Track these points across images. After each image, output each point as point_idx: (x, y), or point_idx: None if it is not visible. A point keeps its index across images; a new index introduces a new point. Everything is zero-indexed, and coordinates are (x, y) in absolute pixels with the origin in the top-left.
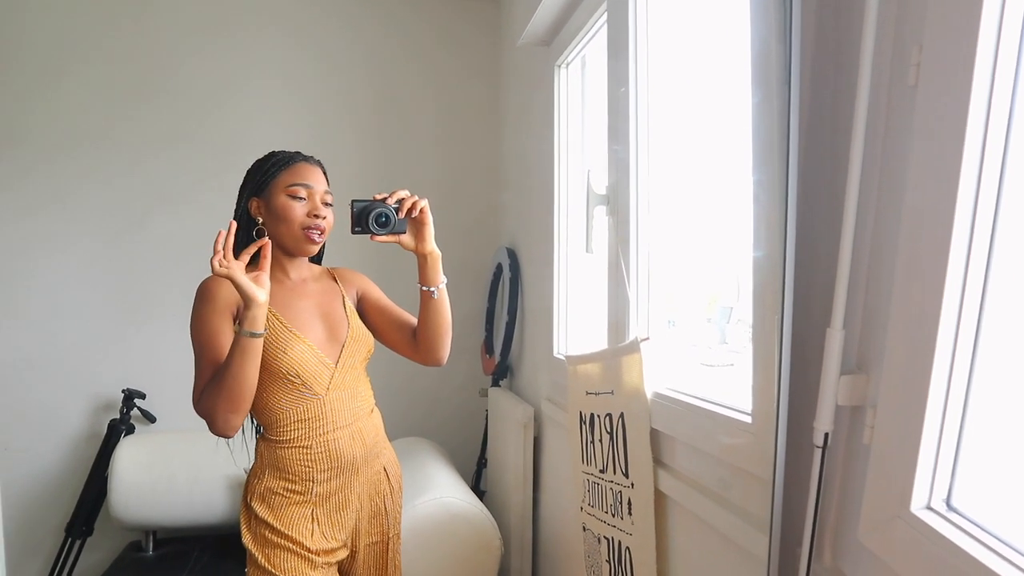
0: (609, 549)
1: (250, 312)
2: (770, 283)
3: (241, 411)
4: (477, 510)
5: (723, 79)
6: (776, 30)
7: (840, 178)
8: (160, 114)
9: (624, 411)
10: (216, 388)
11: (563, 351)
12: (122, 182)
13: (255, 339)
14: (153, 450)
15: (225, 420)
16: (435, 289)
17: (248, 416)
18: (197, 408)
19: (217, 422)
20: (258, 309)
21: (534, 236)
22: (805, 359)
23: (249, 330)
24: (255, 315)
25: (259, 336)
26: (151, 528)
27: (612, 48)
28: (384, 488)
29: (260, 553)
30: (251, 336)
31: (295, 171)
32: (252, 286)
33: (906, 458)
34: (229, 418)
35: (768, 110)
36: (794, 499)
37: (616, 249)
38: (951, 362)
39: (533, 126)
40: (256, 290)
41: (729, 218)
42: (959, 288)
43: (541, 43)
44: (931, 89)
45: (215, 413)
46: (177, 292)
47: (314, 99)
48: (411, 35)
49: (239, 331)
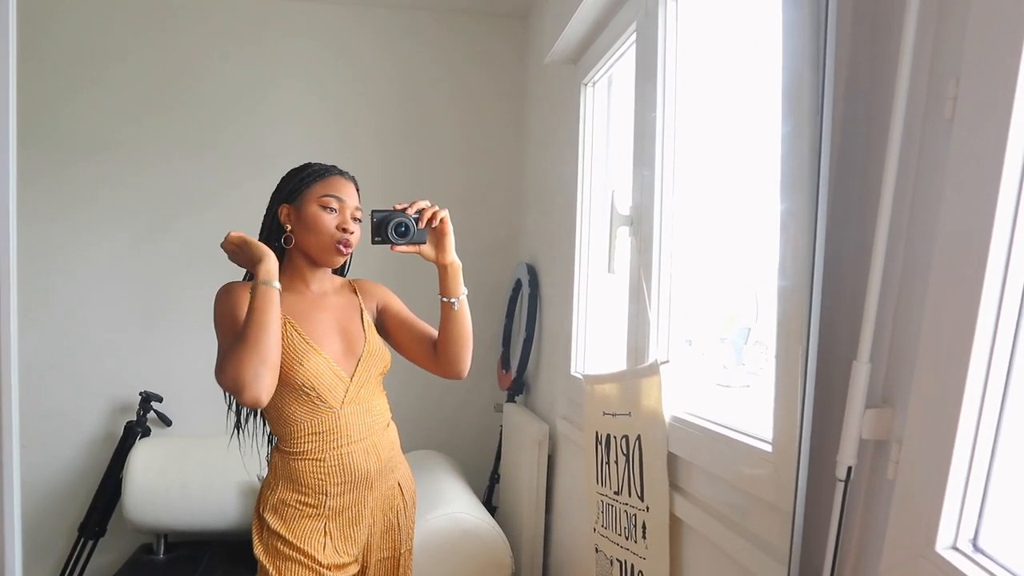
0: (622, 572)
1: (263, 265)
2: (796, 313)
3: (269, 364)
4: (489, 527)
5: (752, 105)
6: (809, 59)
7: (870, 209)
8: (187, 120)
9: (641, 434)
10: (241, 343)
11: (580, 370)
12: (147, 186)
13: (271, 288)
14: (168, 454)
15: (255, 376)
16: (455, 300)
17: (261, 420)
18: (221, 377)
19: (246, 380)
20: (271, 261)
21: (555, 254)
22: (829, 391)
23: (265, 280)
24: (268, 268)
25: (274, 287)
26: (163, 531)
27: (640, 70)
28: (398, 503)
29: (271, 565)
30: (267, 284)
31: (329, 183)
32: (258, 242)
33: (932, 495)
34: (260, 372)
35: (799, 139)
36: (814, 532)
37: (638, 271)
38: (981, 398)
39: (557, 144)
40: (261, 246)
41: (749, 240)
42: (991, 325)
43: (568, 61)
44: (968, 123)
45: (242, 370)
46: (199, 297)
47: (340, 109)
48: (439, 50)
49: (255, 283)
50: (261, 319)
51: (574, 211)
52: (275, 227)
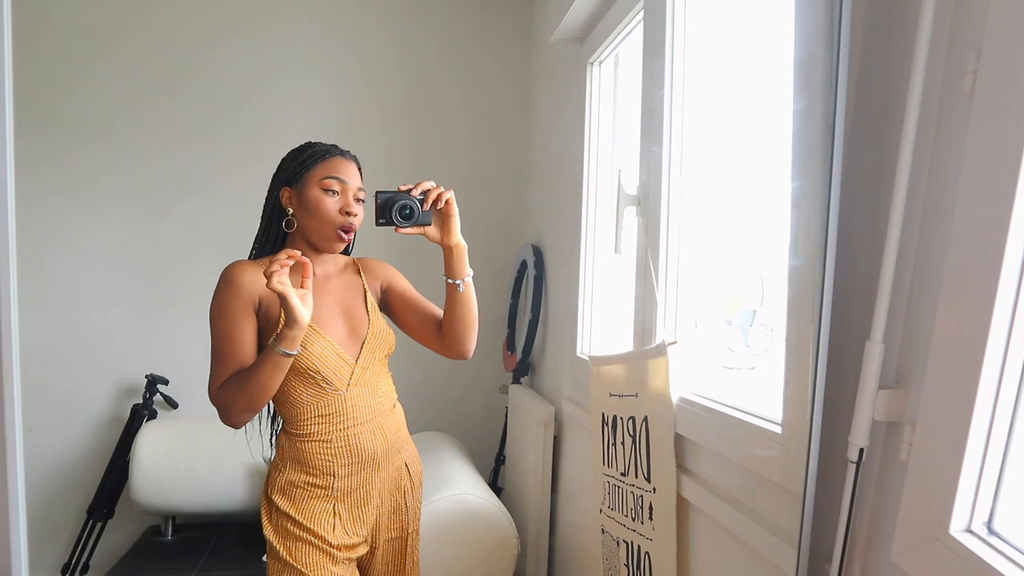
0: (628, 553)
1: (291, 332)
2: (808, 292)
3: (255, 412)
4: (495, 508)
5: (762, 81)
6: (823, 34)
7: (885, 187)
8: (189, 102)
9: (648, 415)
10: (239, 389)
11: (587, 351)
12: (151, 169)
13: (287, 358)
14: (174, 436)
15: (239, 417)
16: (461, 282)
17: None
18: (213, 398)
19: (231, 417)
20: (299, 331)
21: (561, 235)
22: (840, 371)
23: (284, 349)
24: (295, 336)
25: (291, 356)
26: (171, 513)
27: (648, 47)
28: (405, 484)
29: (282, 546)
30: (284, 355)
31: (330, 164)
32: (300, 307)
33: (946, 478)
34: (243, 416)
35: (811, 116)
36: (824, 514)
37: (645, 251)
38: (999, 378)
39: (563, 124)
40: (302, 312)
41: (756, 221)
42: (1010, 305)
43: (574, 40)
44: (988, 98)
45: (231, 409)
46: (203, 279)
47: (344, 91)
48: (443, 29)
49: (274, 346)
50: (265, 382)
51: (580, 191)
52: (276, 210)
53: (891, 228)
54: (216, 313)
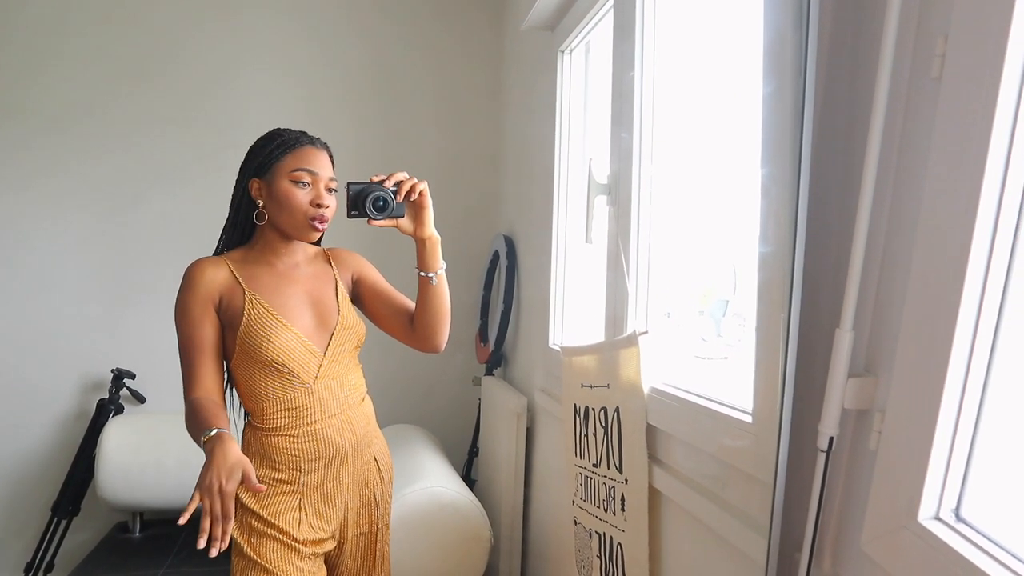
0: (600, 544)
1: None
2: (777, 280)
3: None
4: (467, 500)
5: (733, 65)
6: (792, 17)
7: (854, 172)
8: (157, 92)
9: (620, 406)
10: (190, 418)
11: (559, 342)
12: (117, 160)
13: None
14: (142, 431)
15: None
16: (434, 275)
17: (235, 399)
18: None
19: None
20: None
21: (533, 224)
22: (810, 360)
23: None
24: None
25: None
26: (138, 510)
27: (618, 31)
28: (374, 479)
29: (246, 542)
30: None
31: (300, 155)
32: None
33: (915, 466)
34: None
35: (781, 100)
36: (794, 503)
37: (616, 240)
38: (967, 367)
39: (534, 112)
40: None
41: (727, 210)
42: (978, 291)
43: (545, 28)
44: (956, 82)
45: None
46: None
47: (312, 80)
48: (412, 17)
49: (204, 438)
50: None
51: (551, 181)
52: (245, 202)
53: (860, 215)
54: (177, 315)
